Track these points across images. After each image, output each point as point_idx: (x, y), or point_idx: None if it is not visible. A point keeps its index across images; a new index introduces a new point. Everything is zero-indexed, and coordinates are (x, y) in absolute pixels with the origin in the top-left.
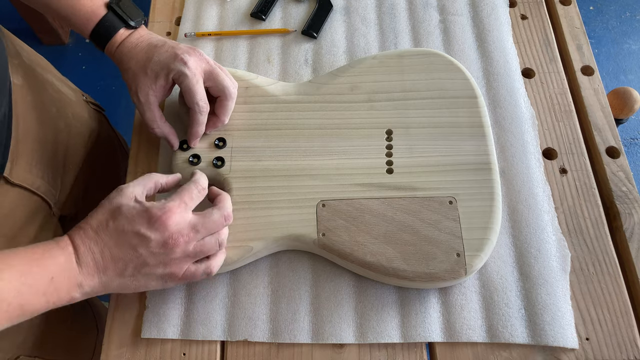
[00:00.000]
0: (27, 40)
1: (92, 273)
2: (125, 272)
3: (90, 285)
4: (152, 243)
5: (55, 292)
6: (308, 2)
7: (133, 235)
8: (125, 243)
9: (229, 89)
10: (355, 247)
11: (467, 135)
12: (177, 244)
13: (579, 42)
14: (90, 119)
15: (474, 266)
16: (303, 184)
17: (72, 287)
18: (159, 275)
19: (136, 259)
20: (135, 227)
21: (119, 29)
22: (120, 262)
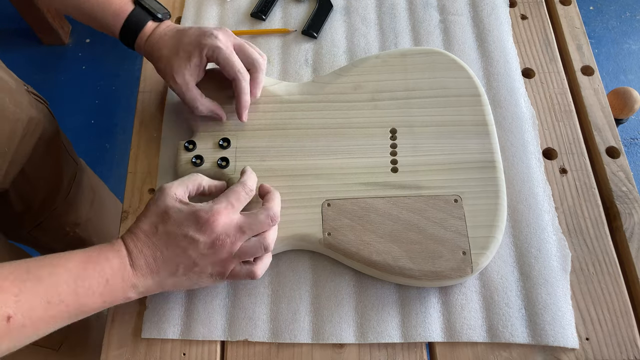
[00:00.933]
0: (27, 40)
1: (145, 274)
2: (177, 272)
3: (145, 286)
4: (201, 245)
5: (111, 293)
6: (308, 2)
7: (182, 238)
8: (175, 245)
9: (258, 60)
10: (361, 246)
11: (471, 133)
12: (224, 244)
13: (579, 42)
14: (30, 106)
15: (480, 264)
16: (308, 183)
17: (127, 288)
18: (209, 274)
19: (186, 260)
20: (184, 230)
21: (147, 21)
22: (171, 263)
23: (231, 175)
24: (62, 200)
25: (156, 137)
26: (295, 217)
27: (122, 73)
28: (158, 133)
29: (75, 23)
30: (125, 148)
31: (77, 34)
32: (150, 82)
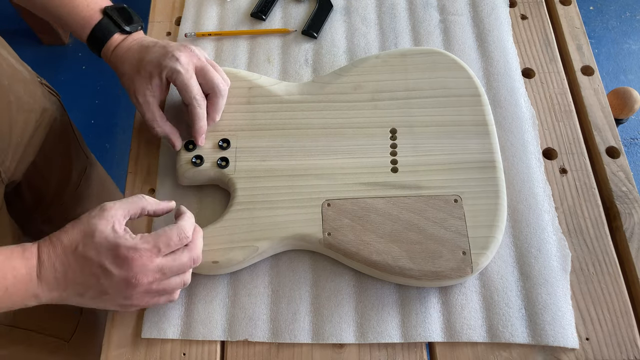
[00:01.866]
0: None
1: (50, 288)
2: (86, 294)
3: (47, 297)
4: (115, 278)
5: (9, 300)
6: (308, 2)
7: (97, 267)
8: (89, 271)
9: (219, 86)
10: (361, 246)
11: (472, 133)
12: (139, 284)
13: (579, 42)
14: (43, 97)
15: (480, 264)
16: (308, 183)
17: (28, 297)
18: (119, 304)
19: (98, 287)
20: (100, 259)
21: (114, 33)
22: (80, 286)
23: (231, 176)
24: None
25: (156, 137)
26: (295, 217)
27: None
28: None
29: None
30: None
31: None
32: None
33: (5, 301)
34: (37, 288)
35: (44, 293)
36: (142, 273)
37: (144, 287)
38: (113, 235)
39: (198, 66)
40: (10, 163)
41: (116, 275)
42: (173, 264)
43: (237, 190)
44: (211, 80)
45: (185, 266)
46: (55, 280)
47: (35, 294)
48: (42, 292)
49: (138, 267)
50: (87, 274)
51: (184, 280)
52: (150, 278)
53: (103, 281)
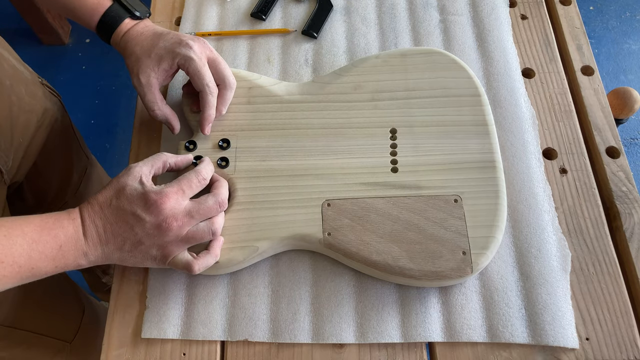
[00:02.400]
0: (27, 40)
1: (95, 245)
2: (124, 247)
3: (95, 255)
4: (147, 224)
5: (63, 259)
6: (308, 2)
7: (131, 215)
8: (123, 221)
9: (229, 78)
10: (361, 246)
11: (471, 133)
12: (170, 227)
13: (579, 42)
14: (45, 98)
15: (480, 264)
16: (308, 183)
17: (79, 255)
18: (154, 256)
19: (133, 237)
20: (133, 208)
21: (124, 18)
22: (119, 237)
23: (231, 176)
24: (72, 195)
25: (156, 137)
26: (295, 217)
27: (122, 73)
28: (158, 133)
29: (75, 23)
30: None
31: (77, 34)
32: None
33: (60, 260)
34: (84, 245)
35: (90, 250)
36: (171, 216)
37: (174, 232)
38: (141, 187)
39: (210, 57)
40: (12, 163)
41: (148, 221)
42: (199, 206)
43: (237, 190)
44: (222, 71)
45: (212, 209)
46: (97, 236)
47: (84, 252)
48: (89, 249)
49: (167, 210)
50: (123, 225)
51: (212, 229)
52: (180, 222)
53: (137, 229)
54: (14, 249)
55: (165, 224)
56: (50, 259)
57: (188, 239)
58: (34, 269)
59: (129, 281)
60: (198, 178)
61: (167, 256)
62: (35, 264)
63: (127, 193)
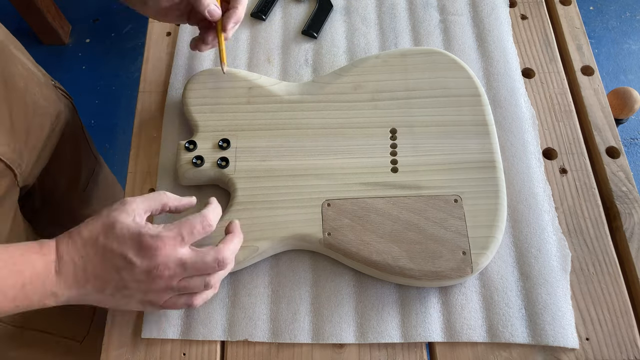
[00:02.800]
0: (27, 40)
1: (70, 285)
2: (105, 290)
3: (66, 295)
4: (137, 270)
5: (26, 299)
6: (308, 2)
7: (119, 257)
8: (109, 263)
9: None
10: (361, 246)
11: (471, 133)
12: (161, 276)
13: (579, 42)
14: (58, 100)
15: (480, 264)
16: (308, 183)
17: (46, 296)
18: (138, 300)
19: (118, 281)
20: (123, 250)
21: None
22: (100, 280)
23: (231, 176)
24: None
25: (156, 137)
26: (295, 217)
27: (122, 73)
28: (158, 133)
29: (75, 23)
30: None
31: (77, 34)
32: (150, 82)
33: (23, 300)
34: (55, 285)
35: (62, 291)
36: (164, 264)
37: (164, 282)
38: (135, 226)
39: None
40: (25, 167)
41: (138, 265)
42: (196, 259)
43: (237, 190)
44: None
45: (208, 266)
46: (74, 276)
47: (53, 292)
48: (60, 289)
49: (162, 257)
50: (108, 267)
51: (206, 282)
52: (172, 271)
53: (124, 274)
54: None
55: (156, 272)
56: (9, 299)
57: (178, 289)
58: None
59: None
60: (203, 224)
61: (154, 302)
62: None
63: (117, 232)
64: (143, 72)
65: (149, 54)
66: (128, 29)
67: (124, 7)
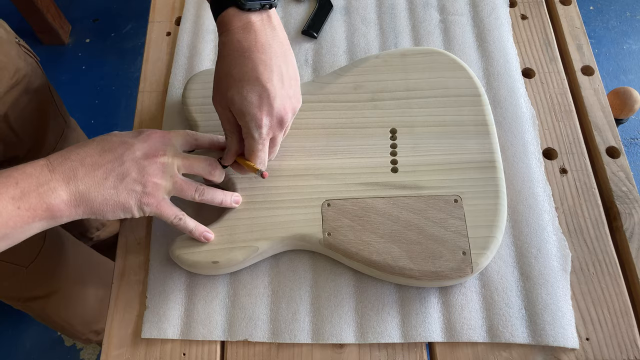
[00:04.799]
0: (27, 40)
1: (67, 179)
2: (106, 182)
3: (67, 192)
4: (137, 152)
5: (24, 196)
6: (308, 2)
7: (119, 144)
8: (110, 150)
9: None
10: (361, 247)
11: (471, 133)
12: (159, 156)
13: (579, 42)
14: (18, 58)
15: (480, 264)
16: (308, 183)
17: (44, 192)
18: (137, 193)
19: (119, 167)
20: (123, 138)
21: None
22: (102, 169)
23: (231, 175)
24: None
25: None
26: (295, 217)
27: (122, 73)
28: None
29: (75, 23)
30: None
31: (77, 34)
32: (150, 82)
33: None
34: (51, 180)
35: (60, 185)
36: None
37: (159, 166)
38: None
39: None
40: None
41: (137, 146)
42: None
43: (237, 190)
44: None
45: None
46: (71, 170)
47: (51, 187)
48: (57, 184)
49: (158, 138)
50: (108, 154)
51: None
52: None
53: (125, 157)
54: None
55: (154, 151)
56: (8, 198)
57: (172, 183)
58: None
59: (129, 281)
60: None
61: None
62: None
63: (115, 133)
64: (143, 72)
65: (149, 54)
66: (128, 29)
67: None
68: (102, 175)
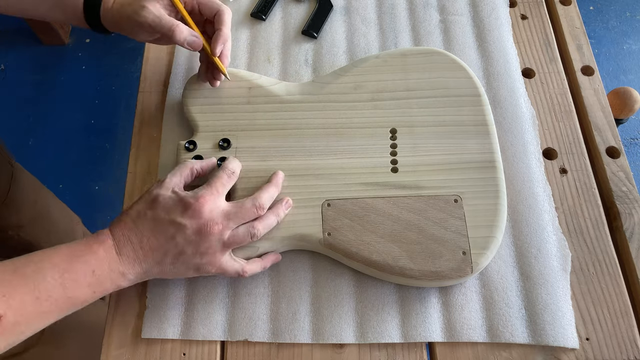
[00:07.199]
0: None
1: (132, 262)
2: (165, 260)
3: (134, 273)
4: (188, 231)
5: (100, 283)
6: (308, 2)
7: (169, 224)
8: (162, 232)
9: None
10: (361, 247)
11: (471, 133)
12: (212, 231)
13: (579, 42)
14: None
15: (480, 264)
16: (308, 183)
17: (116, 277)
18: (197, 265)
19: (174, 248)
20: (171, 216)
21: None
22: (158, 251)
23: None
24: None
25: (156, 137)
26: (295, 217)
27: (122, 73)
28: (158, 133)
29: None
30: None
31: (77, 34)
32: (150, 82)
33: (97, 285)
34: (120, 265)
35: (127, 269)
36: (211, 219)
37: (216, 236)
38: (175, 195)
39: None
40: None
41: (189, 227)
42: (236, 207)
43: (237, 190)
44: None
45: (249, 212)
46: (134, 253)
47: (121, 272)
48: (125, 268)
49: (207, 212)
50: (162, 235)
51: (252, 232)
52: (220, 225)
53: (178, 238)
54: (47, 284)
55: (206, 228)
56: (85, 285)
57: (229, 243)
58: (70, 298)
59: None
60: (227, 173)
61: (211, 263)
62: (71, 293)
63: (161, 202)
64: (143, 72)
65: (149, 54)
66: None
67: None
68: (160, 257)
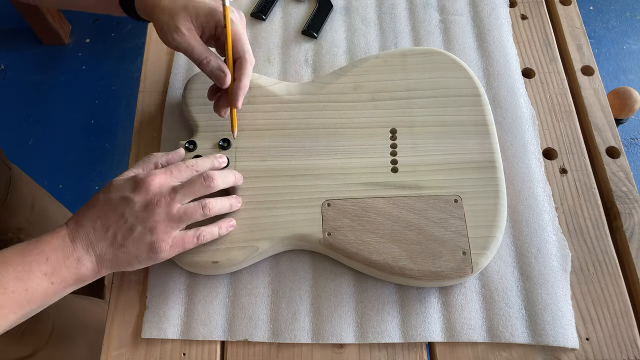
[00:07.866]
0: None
1: (86, 247)
2: (115, 240)
3: (89, 259)
4: (136, 205)
5: (55, 272)
6: (308, 2)
7: (119, 201)
8: (112, 209)
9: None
10: (361, 247)
11: (471, 133)
12: (159, 204)
13: (579, 42)
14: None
15: (480, 264)
16: (308, 183)
17: (71, 264)
18: (149, 243)
19: (124, 225)
20: (121, 193)
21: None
22: (109, 229)
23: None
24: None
25: (156, 137)
26: (295, 217)
27: (122, 73)
28: (158, 133)
29: (75, 23)
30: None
31: (77, 34)
32: (150, 82)
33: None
34: (74, 251)
35: (82, 254)
36: (159, 193)
37: (163, 209)
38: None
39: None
40: None
41: (136, 200)
42: (185, 183)
43: (237, 190)
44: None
45: (195, 183)
46: (86, 237)
47: (76, 258)
48: (80, 253)
49: (155, 187)
50: (112, 214)
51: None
52: (167, 198)
53: (127, 214)
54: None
55: (153, 202)
56: (41, 275)
57: (179, 216)
58: (27, 290)
59: (129, 281)
60: (187, 165)
61: (163, 240)
62: (27, 284)
63: (114, 184)
64: (143, 72)
65: (149, 54)
66: (128, 29)
67: None
68: (112, 236)
